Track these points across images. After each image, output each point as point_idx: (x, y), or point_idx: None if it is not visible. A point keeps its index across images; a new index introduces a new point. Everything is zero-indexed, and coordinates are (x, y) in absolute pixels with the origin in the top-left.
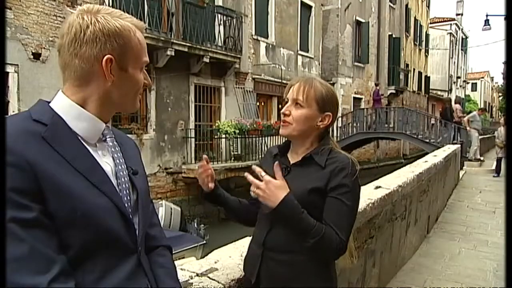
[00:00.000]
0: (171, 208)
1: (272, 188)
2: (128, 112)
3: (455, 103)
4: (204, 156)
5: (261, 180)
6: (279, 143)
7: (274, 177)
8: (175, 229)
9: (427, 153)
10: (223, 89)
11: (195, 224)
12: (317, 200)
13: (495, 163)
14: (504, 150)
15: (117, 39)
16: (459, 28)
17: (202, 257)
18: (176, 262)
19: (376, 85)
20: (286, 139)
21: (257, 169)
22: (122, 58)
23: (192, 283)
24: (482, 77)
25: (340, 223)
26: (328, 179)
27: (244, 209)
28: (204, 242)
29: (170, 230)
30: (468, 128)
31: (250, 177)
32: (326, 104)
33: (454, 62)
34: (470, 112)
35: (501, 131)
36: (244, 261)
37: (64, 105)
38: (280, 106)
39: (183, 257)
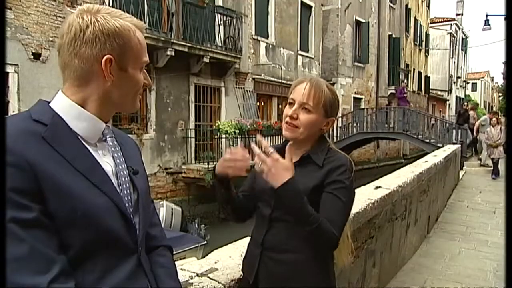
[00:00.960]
0: (172, 209)
1: (279, 167)
2: (128, 112)
3: (471, 109)
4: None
5: (267, 156)
6: (279, 143)
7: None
8: (176, 230)
9: (427, 153)
10: (223, 89)
11: (196, 224)
12: (317, 199)
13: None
14: (497, 150)
15: (117, 39)
16: (459, 28)
17: (202, 258)
18: (176, 263)
19: (402, 82)
20: (284, 139)
21: (264, 143)
22: (122, 58)
23: (192, 283)
24: (482, 77)
25: (334, 218)
26: (325, 176)
27: (238, 203)
28: (205, 242)
29: (171, 230)
30: (475, 134)
31: (256, 149)
32: (332, 109)
33: (454, 62)
34: None
35: (491, 131)
36: (243, 262)
37: (64, 105)
38: (280, 106)
39: (184, 258)
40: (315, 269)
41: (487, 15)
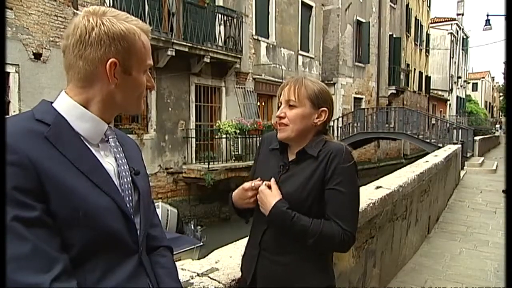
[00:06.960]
0: (168, 210)
1: (262, 196)
2: (133, 114)
3: None
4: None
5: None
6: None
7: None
8: (171, 231)
9: (428, 153)
10: (223, 89)
11: (192, 226)
12: (317, 194)
13: (496, 163)
14: None
15: (122, 42)
16: (459, 28)
17: (198, 259)
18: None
19: None
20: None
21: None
22: (126, 62)
23: (192, 283)
24: (483, 77)
25: (341, 213)
26: (324, 169)
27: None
28: (201, 244)
29: (167, 231)
30: None
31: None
32: (320, 99)
33: (455, 62)
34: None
35: None
36: (242, 261)
37: (67, 105)
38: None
39: (180, 259)
40: (313, 270)
41: (487, 15)
